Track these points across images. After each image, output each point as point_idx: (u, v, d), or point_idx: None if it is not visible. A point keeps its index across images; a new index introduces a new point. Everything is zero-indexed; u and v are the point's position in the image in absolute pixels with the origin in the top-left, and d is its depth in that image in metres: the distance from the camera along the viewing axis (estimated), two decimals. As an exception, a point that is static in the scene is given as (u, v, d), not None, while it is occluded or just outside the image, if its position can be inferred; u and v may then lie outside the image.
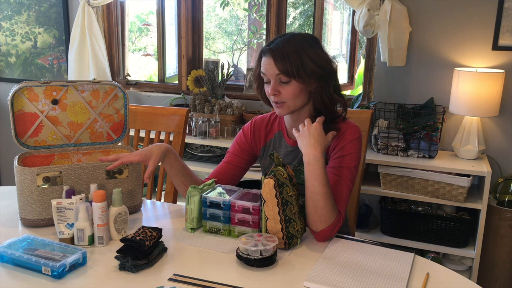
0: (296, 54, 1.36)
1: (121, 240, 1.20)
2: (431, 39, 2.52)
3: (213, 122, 2.70)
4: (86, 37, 3.03)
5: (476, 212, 2.37)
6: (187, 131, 2.42)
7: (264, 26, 3.07)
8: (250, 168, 1.68)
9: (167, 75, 3.36)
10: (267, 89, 1.42)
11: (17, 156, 1.49)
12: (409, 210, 2.46)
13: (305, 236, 1.37)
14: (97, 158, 1.64)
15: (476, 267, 2.31)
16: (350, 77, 2.96)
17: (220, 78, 2.91)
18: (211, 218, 1.38)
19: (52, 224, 1.34)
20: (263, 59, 1.41)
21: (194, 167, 2.75)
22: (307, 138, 1.34)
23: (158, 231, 1.26)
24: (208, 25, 4.53)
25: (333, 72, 1.43)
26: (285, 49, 1.37)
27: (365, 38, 2.73)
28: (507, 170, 2.50)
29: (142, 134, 2.06)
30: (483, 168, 2.26)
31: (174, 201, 1.89)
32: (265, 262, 1.20)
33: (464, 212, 2.42)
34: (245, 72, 3.25)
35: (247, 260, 1.20)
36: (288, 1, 2.89)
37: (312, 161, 1.32)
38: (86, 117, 1.59)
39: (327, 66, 1.41)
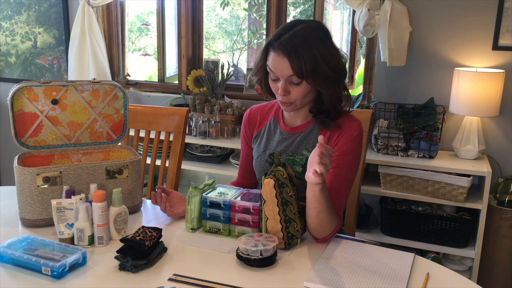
0: (310, 54, 1.30)
1: (121, 240, 1.20)
2: (431, 39, 2.52)
3: (213, 122, 2.70)
4: (86, 37, 3.03)
5: (476, 212, 2.37)
6: (187, 131, 2.42)
7: (264, 26, 3.07)
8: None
9: (167, 75, 3.36)
10: (274, 86, 1.40)
11: (17, 156, 1.49)
12: (409, 210, 2.45)
13: (305, 236, 1.37)
14: (96, 158, 1.64)
15: (476, 267, 2.31)
16: (350, 77, 2.96)
17: (220, 78, 2.91)
18: (211, 218, 1.38)
19: (52, 224, 1.34)
20: (273, 55, 1.34)
21: (194, 167, 2.75)
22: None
23: (158, 231, 1.26)
24: (208, 25, 4.53)
25: (345, 71, 1.40)
26: (299, 48, 1.30)
27: (365, 38, 2.73)
28: (507, 170, 2.50)
29: (142, 134, 2.06)
30: (483, 168, 2.26)
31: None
32: (265, 262, 1.20)
33: (464, 212, 2.42)
34: (245, 72, 3.25)
35: (247, 260, 1.20)
36: (288, 1, 2.89)
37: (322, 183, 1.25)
38: (86, 117, 1.59)
39: (340, 66, 1.37)
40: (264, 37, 3.07)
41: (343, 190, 1.40)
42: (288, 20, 2.59)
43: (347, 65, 1.44)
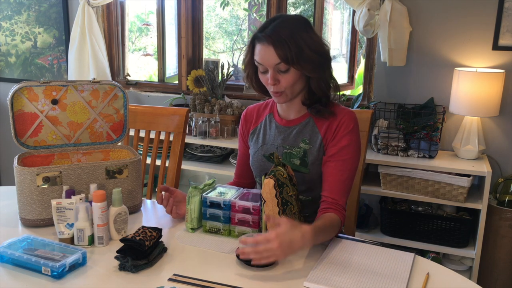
0: (294, 40, 1.34)
1: (121, 240, 1.20)
2: (431, 39, 2.52)
3: (213, 122, 2.70)
4: (86, 37, 3.03)
5: (476, 212, 2.37)
6: (187, 131, 2.42)
7: (264, 26, 3.06)
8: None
9: (167, 75, 3.36)
10: (264, 78, 1.42)
11: (17, 156, 1.49)
12: (409, 210, 2.45)
13: (305, 236, 1.37)
14: (96, 158, 1.64)
15: (476, 267, 2.31)
16: (350, 77, 2.96)
17: (220, 78, 2.91)
18: (211, 218, 1.38)
19: (52, 224, 1.34)
20: (259, 46, 1.38)
21: (194, 167, 2.75)
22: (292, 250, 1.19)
23: (158, 231, 1.26)
24: (208, 25, 4.53)
25: (329, 56, 1.43)
26: (283, 36, 1.34)
27: (365, 38, 2.73)
28: (507, 170, 2.50)
29: (142, 134, 2.06)
30: (483, 168, 2.26)
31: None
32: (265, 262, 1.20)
33: (464, 212, 2.42)
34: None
35: (247, 260, 1.20)
36: (288, 1, 2.89)
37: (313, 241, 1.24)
38: (86, 117, 1.59)
39: (323, 51, 1.40)
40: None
41: (346, 180, 1.41)
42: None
43: (346, 65, 1.45)
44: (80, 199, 1.31)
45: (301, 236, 1.18)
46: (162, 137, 1.93)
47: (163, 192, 1.49)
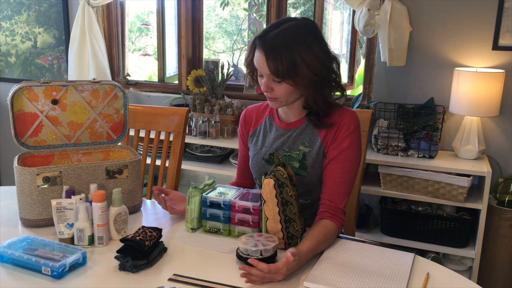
0: (289, 55, 1.29)
1: (121, 240, 1.21)
2: (431, 39, 2.52)
3: (213, 122, 2.70)
4: (86, 37, 3.03)
5: (476, 212, 2.37)
6: (187, 131, 2.42)
7: (264, 26, 3.07)
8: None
9: (167, 75, 3.36)
10: (260, 81, 1.40)
11: (17, 156, 1.49)
12: (409, 210, 2.45)
13: (305, 236, 1.37)
14: (96, 158, 1.64)
15: (476, 267, 2.31)
16: (350, 77, 2.96)
17: (220, 78, 2.91)
18: (211, 218, 1.38)
19: (52, 224, 1.34)
20: (256, 51, 1.35)
21: (194, 167, 2.75)
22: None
23: (158, 231, 1.26)
24: (208, 25, 4.53)
25: (329, 75, 1.38)
26: (279, 48, 1.29)
27: (365, 38, 2.73)
28: (507, 170, 2.50)
29: (142, 134, 2.06)
30: (483, 168, 2.26)
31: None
32: (265, 262, 1.20)
33: (464, 212, 2.42)
34: (245, 72, 3.25)
35: (247, 260, 1.20)
36: (288, 1, 2.89)
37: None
38: (86, 117, 1.59)
39: (323, 70, 1.35)
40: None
41: (346, 183, 1.40)
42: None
43: (346, 65, 1.44)
44: (80, 199, 1.31)
45: (296, 263, 1.19)
46: (162, 137, 1.93)
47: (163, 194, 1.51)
